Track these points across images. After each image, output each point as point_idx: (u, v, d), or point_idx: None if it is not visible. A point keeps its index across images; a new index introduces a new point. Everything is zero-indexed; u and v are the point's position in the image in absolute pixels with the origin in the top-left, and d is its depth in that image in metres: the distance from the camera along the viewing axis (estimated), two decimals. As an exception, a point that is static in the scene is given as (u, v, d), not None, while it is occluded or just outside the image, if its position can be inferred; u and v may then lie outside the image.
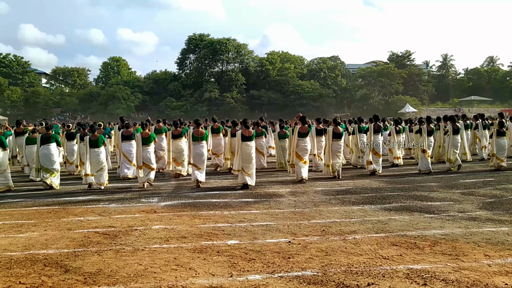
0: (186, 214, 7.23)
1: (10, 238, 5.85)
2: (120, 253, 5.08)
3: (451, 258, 4.74)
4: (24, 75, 60.73)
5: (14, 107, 52.60)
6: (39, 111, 53.63)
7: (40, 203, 8.42)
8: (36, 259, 4.92)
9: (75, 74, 65.81)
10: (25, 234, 6.05)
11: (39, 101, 54.27)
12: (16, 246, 5.48)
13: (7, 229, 6.37)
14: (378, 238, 5.61)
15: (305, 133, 10.71)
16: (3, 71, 58.75)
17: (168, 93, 58.62)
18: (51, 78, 68.09)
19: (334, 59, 65.89)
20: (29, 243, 5.58)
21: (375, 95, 59.07)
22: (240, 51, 61.52)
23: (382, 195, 8.79)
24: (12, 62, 60.50)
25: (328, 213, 7.15)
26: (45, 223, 6.69)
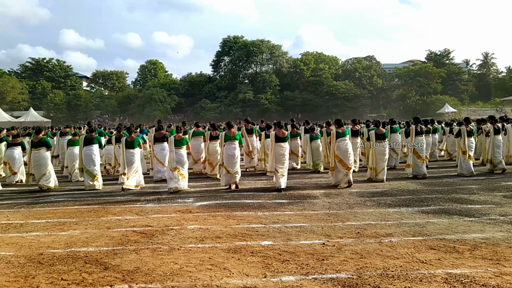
0: (221, 214, 7.32)
1: (53, 236, 6.10)
2: (157, 252, 5.20)
3: (491, 263, 4.58)
4: (66, 79, 63.19)
5: (57, 109, 54.70)
6: (80, 113, 55.58)
7: (81, 203, 8.74)
8: (77, 256, 5.11)
9: (114, 77, 67.91)
10: (67, 232, 6.30)
11: (80, 103, 56.23)
12: (58, 243, 5.71)
13: (50, 227, 6.65)
14: (415, 241, 5.49)
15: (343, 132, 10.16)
16: (47, 75, 61.33)
17: (203, 95, 59.41)
18: (91, 82, 70.63)
19: (369, 59, 64.88)
20: (70, 241, 5.80)
21: (413, 95, 57.65)
22: (274, 53, 61.56)
23: (420, 197, 8.57)
24: (55, 66, 63.06)
25: (363, 215, 7.05)
26: (85, 222, 6.94)
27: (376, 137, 10.87)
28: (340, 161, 9.91)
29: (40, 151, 10.51)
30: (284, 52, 63.42)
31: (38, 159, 10.45)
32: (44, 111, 54.06)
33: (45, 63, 62.77)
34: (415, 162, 11.12)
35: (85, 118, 53.18)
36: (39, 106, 55.12)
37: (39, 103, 56.40)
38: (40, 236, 6.12)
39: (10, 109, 52.48)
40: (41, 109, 53.83)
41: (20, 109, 53.70)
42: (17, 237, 6.09)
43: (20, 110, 53.30)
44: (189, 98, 60.63)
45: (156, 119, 48.61)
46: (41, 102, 56.37)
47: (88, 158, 10.55)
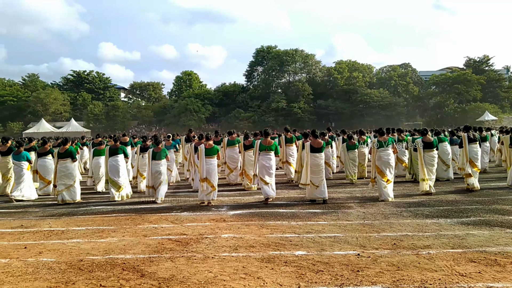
0: (254, 223, 7.34)
1: (93, 243, 6.30)
2: (192, 260, 5.28)
3: (537, 278, 4.38)
4: (105, 90, 65.23)
5: (96, 120, 56.45)
6: (118, 123, 57.13)
7: (119, 210, 8.98)
8: (115, 263, 5.26)
9: (150, 88, 69.62)
10: (106, 240, 6.49)
11: (118, 114, 57.84)
12: (97, 250, 5.89)
13: (90, 234, 6.87)
14: (454, 253, 5.32)
15: (385, 141, 9.58)
16: (87, 87, 63.57)
17: (237, 105, 59.89)
18: (129, 93, 72.68)
19: (405, 67, 63.61)
20: (109, 248, 5.97)
21: (451, 103, 55.96)
22: (308, 62, 61.42)
23: (459, 208, 8.30)
24: (95, 78, 65.30)
25: (400, 226, 6.90)
26: (123, 229, 7.13)
27: (424, 146, 10.32)
28: (380, 173, 9.44)
29: (66, 162, 10.36)
30: (318, 61, 63.19)
31: (64, 170, 10.30)
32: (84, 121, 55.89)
33: (85, 76, 65.08)
34: (472, 171, 10.40)
35: (123, 128, 54.66)
36: (80, 117, 57.10)
37: (80, 114, 58.43)
38: (80, 243, 6.33)
39: (53, 120, 54.66)
40: (81, 120, 55.75)
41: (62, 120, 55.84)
42: (58, 243, 6.33)
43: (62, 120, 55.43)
44: (223, 108, 61.27)
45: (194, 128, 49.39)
46: (82, 113, 58.36)
47: (113, 168, 10.50)
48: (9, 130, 51.28)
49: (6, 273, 5.00)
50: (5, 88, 62.25)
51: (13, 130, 51.13)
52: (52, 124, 48.75)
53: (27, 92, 59.62)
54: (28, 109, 57.13)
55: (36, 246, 6.21)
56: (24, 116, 57.50)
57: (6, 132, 49.16)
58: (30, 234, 6.99)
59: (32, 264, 5.30)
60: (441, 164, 12.00)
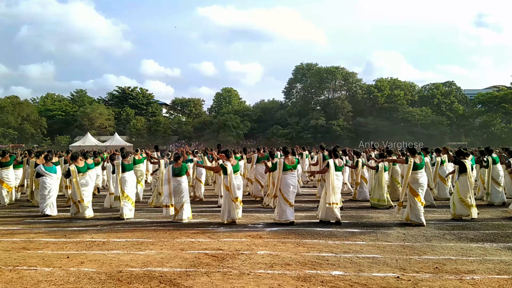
0: (290, 241, 7.27)
1: (131, 255, 6.44)
2: (227, 276, 5.29)
3: None
4: (148, 106, 67.25)
5: (138, 134, 58.12)
6: (159, 138, 58.57)
7: (157, 223, 9.15)
8: (153, 275, 5.35)
9: (191, 104, 71.25)
10: (144, 252, 6.61)
11: (159, 129, 59.37)
12: (136, 262, 6.01)
13: (129, 246, 7.02)
14: (500, 280, 5.06)
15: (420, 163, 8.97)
16: (131, 102, 65.80)
17: (275, 121, 60.06)
18: (170, 108, 74.62)
19: (448, 85, 61.83)
20: (147, 260, 6.08)
21: (497, 122, 53.75)
22: (348, 79, 60.97)
23: (506, 232, 7.91)
24: (138, 94, 67.52)
25: (442, 249, 6.64)
26: (161, 243, 7.25)
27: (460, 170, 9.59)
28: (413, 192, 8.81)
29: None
30: (359, 79, 62.61)
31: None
32: (127, 136, 57.70)
33: (129, 91, 67.43)
34: None
35: (164, 143, 55.98)
36: (123, 131, 59.05)
37: (123, 129, 60.42)
38: (120, 254, 6.49)
39: (98, 134, 56.82)
40: (124, 134, 57.62)
41: (106, 134, 57.94)
42: (99, 254, 6.51)
43: (106, 135, 57.50)
44: (261, 124, 61.61)
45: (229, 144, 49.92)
46: (125, 128, 60.34)
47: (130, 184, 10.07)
48: (57, 143, 53.70)
49: (49, 281, 5.19)
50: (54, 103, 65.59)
51: (60, 143, 53.49)
52: (96, 138, 50.62)
53: (75, 107, 62.52)
54: (75, 123, 59.76)
55: (78, 256, 6.41)
56: (71, 130, 60.13)
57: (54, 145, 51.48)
58: (72, 244, 7.23)
59: (74, 274, 5.48)
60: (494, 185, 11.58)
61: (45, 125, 58.01)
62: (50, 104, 64.94)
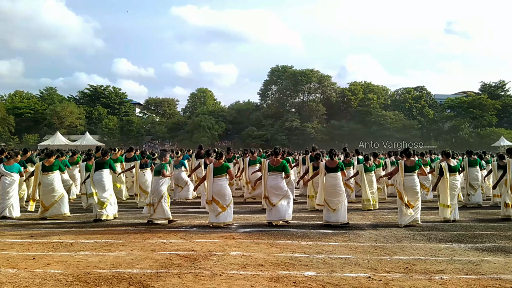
0: (264, 242, 7.24)
1: (100, 256, 6.26)
2: (199, 277, 5.20)
3: (556, 309, 4.21)
4: (120, 105, 66.16)
5: (110, 134, 57.08)
6: (132, 138, 57.73)
7: (128, 224, 8.96)
8: (122, 277, 5.20)
9: (165, 104, 70.53)
10: (114, 253, 6.44)
11: (132, 129, 58.52)
12: (105, 264, 5.85)
13: (98, 247, 6.83)
14: (468, 280, 5.16)
15: (412, 166, 8.94)
16: (103, 101, 64.56)
17: (250, 123, 60.19)
18: (144, 108, 73.60)
19: (419, 89, 63.40)
20: (116, 262, 5.92)
21: (466, 127, 55.43)
22: (323, 82, 61.62)
23: (473, 233, 8.10)
24: (111, 93, 66.34)
25: (412, 250, 6.74)
26: (131, 244, 7.08)
27: (449, 170, 9.51)
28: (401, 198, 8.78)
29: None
30: (333, 82, 63.39)
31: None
32: (99, 135, 56.57)
33: (102, 90, 66.16)
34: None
35: (136, 143, 55.15)
36: (95, 131, 57.86)
37: (95, 128, 59.21)
38: (88, 255, 6.30)
39: (68, 133, 55.44)
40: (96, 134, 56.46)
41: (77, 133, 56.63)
42: (66, 255, 6.30)
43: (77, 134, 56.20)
44: (236, 125, 61.62)
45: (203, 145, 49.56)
46: (96, 127, 59.16)
47: (98, 184, 9.61)
48: (25, 142, 52.10)
49: (13, 283, 4.98)
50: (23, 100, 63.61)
51: (28, 142, 51.93)
52: (66, 137, 49.39)
53: (44, 105, 60.77)
54: (44, 121, 58.13)
55: (44, 257, 6.19)
56: (40, 128, 58.47)
57: (22, 144, 49.91)
58: (39, 245, 6.99)
59: (39, 275, 5.28)
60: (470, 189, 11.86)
61: (13, 123, 56.09)
62: (18, 102, 62.87)
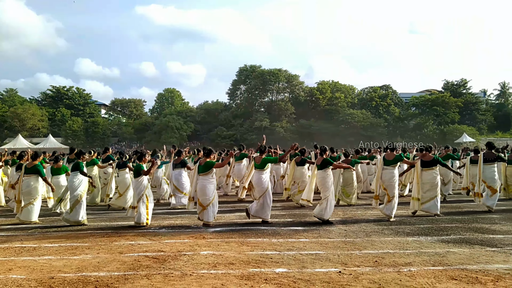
0: (234, 240, 7.18)
1: (65, 260, 6.04)
2: (169, 278, 5.09)
3: (519, 296, 4.35)
4: (85, 106, 64.40)
5: (75, 136, 55.47)
6: (98, 140, 56.28)
7: (94, 227, 8.70)
8: (88, 281, 5.03)
9: (132, 105, 69.06)
10: (79, 257, 6.23)
11: (97, 131, 57.08)
12: (70, 267, 5.64)
13: (62, 251, 6.60)
14: (435, 271, 5.27)
15: (390, 160, 9.32)
16: (66, 102, 62.66)
17: (219, 123, 59.84)
18: (109, 109, 71.89)
19: (385, 88, 64.74)
20: (82, 265, 5.73)
21: (430, 124, 57.08)
22: (291, 82, 62.02)
23: (439, 226, 8.31)
24: (74, 94, 64.45)
25: (381, 244, 6.84)
26: (98, 246, 6.87)
27: (422, 164, 9.70)
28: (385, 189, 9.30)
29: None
30: (301, 81, 63.87)
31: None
32: (63, 137, 54.92)
33: (65, 91, 64.19)
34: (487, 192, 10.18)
35: (102, 145, 53.77)
36: (58, 133, 56.10)
37: (58, 130, 57.41)
38: (52, 260, 6.07)
39: (30, 135, 53.53)
40: (59, 136, 54.77)
41: (39, 136, 54.73)
42: (29, 260, 6.05)
43: (39, 136, 54.31)
44: (205, 126, 61.14)
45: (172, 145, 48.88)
46: (60, 129, 57.38)
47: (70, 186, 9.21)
48: (-16, 145, 49.98)
49: (-29, 291, 4.73)
50: (-19, 102, 60.93)
51: (-12, 145, 49.84)
52: (29, 140, 47.69)
53: (4, 107, 58.32)
54: (5, 124, 55.85)
55: (6, 262, 5.92)
56: (1, 131, 56.19)
57: (-19, 147, 47.82)
58: (0, 251, 6.68)
59: (1, 281, 5.03)
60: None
61: (-29, 126, 53.81)
62: (-24, 104, 60.27)
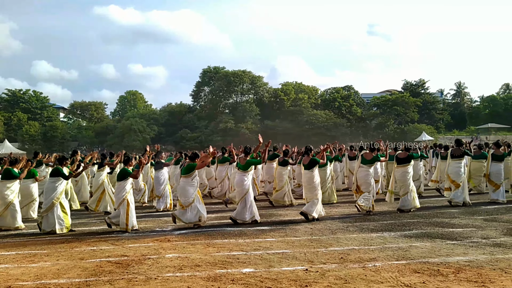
0: (200, 242, 7.09)
1: (23, 268, 5.77)
2: (132, 282, 4.95)
3: (477, 285, 4.50)
4: (43, 110, 62.04)
5: (32, 141, 53.46)
6: (57, 145, 54.41)
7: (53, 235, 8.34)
8: (47, 288, 4.82)
9: (92, 108, 67.05)
10: (38, 264, 5.97)
11: (56, 135, 55.20)
12: (28, 275, 5.39)
13: (20, 259, 6.31)
14: (399, 265, 5.38)
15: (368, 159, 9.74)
16: (23, 106, 60.19)
17: (183, 125, 59.19)
18: (69, 113, 69.57)
19: (347, 89, 66.03)
20: (41, 273, 5.49)
21: (391, 124, 58.69)
22: (256, 83, 62.20)
23: (402, 222, 8.52)
24: (31, 97, 61.96)
25: (346, 241, 6.93)
26: (57, 253, 6.61)
27: (397, 161, 10.10)
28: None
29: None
30: (265, 82, 64.15)
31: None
32: (19, 142, 52.80)
33: (21, 94, 61.59)
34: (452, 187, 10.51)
35: (62, 150, 52.05)
36: (14, 138, 53.86)
37: (14, 135, 55.15)
38: (9, 268, 5.78)
39: (-16, 141, 51.18)
40: (16, 141, 52.56)
41: (-6, 141, 52.45)
42: (-17, 270, 5.74)
43: (-6, 142, 52.03)
44: (169, 128, 60.29)
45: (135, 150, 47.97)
46: (16, 134, 55.12)
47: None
48: None
49: None
50: None
51: None
52: (-17, 146, 45.53)
53: (-44, 112, 55.56)
54: (-44, 129, 53.20)
55: (-44, 274, 5.59)
56: (-47, 137, 53.44)
57: None
58: (-51, 262, 6.31)
59: (-50, 294, 4.74)
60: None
61: None
62: None
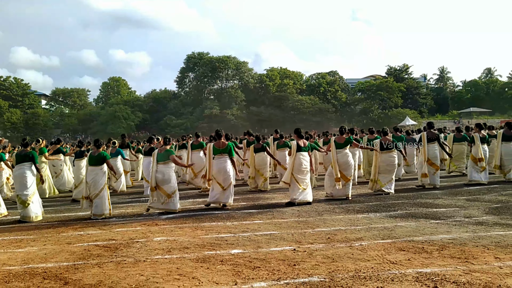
0: (188, 225, 7.11)
1: (9, 253, 5.73)
2: (121, 265, 4.96)
3: (460, 261, 4.62)
4: (24, 97, 60.80)
5: (14, 129, 52.64)
6: (39, 132, 53.56)
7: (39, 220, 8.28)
8: (35, 272, 4.80)
9: (75, 95, 65.98)
10: (24, 249, 5.93)
11: (38, 122, 54.42)
12: (15, 260, 5.36)
13: (6, 245, 6.26)
14: (384, 244, 5.49)
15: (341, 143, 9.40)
16: (3, 93, 58.90)
17: (168, 112, 58.76)
18: (50, 100, 68.30)
19: (332, 74, 66.17)
20: (28, 258, 5.46)
21: (375, 109, 59.17)
22: (240, 68, 61.88)
23: (387, 203, 8.66)
24: (12, 84, 60.62)
25: (333, 222, 7.03)
26: (44, 238, 6.58)
27: (381, 148, 9.97)
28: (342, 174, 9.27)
29: None
30: (250, 68, 63.89)
31: None
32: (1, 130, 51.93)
33: (1, 82, 60.25)
34: (429, 170, 10.38)
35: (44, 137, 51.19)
36: (-5, 126, 52.99)
37: (-4, 123, 54.24)
38: (-5, 254, 5.74)
39: (-35, 129, 50.16)
40: (-3, 129, 51.72)
41: (-25, 129, 51.43)
42: (-32, 256, 5.68)
43: (-25, 130, 51.04)
44: (153, 115, 59.85)
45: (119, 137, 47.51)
46: (-3, 122, 54.22)
47: (18, 180, 8.37)
48: None
49: None
50: None
51: None
52: (-37, 134, 44.62)
53: None
54: None
55: None
56: None
57: None
58: None
59: None
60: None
61: None
62: None
